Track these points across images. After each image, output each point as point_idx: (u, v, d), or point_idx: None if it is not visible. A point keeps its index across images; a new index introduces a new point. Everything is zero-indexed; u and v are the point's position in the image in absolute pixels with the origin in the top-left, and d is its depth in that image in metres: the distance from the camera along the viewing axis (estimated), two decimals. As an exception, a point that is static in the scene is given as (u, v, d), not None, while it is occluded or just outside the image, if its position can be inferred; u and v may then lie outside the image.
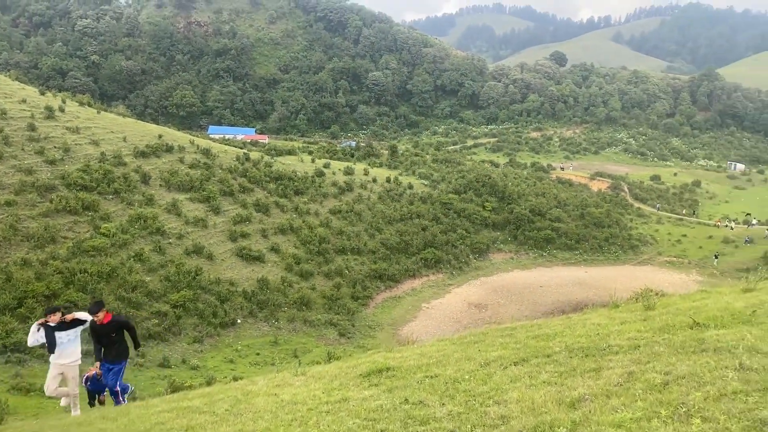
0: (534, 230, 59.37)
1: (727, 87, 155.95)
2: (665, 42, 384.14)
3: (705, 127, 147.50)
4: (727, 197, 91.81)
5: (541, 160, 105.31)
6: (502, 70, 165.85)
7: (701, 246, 61.12)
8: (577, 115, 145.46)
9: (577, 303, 46.36)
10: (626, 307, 8.87)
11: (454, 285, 50.01)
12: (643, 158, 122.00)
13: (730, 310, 6.53)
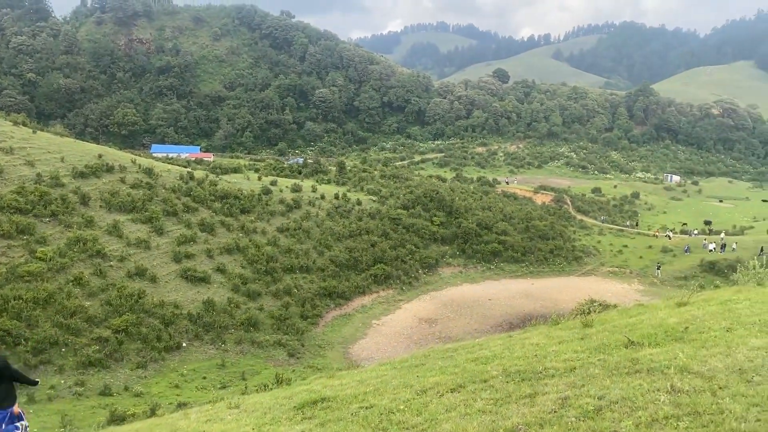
0: (481, 244, 60.06)
1: (662, 102, 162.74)
2: (602, 59, 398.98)
3: (642, 141, 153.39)
4: (665, 208, 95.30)
5: (486, 175, 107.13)
6: (447, 87, 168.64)
7: (641, 256, 63.06)
8: (521, 131, 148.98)
9: (524, 315, 47.02)
10: (566, 325, 8.96)
11: (405, 300, 49.98)
12: (584, 171, 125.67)
13: (664, 327, 6.65)
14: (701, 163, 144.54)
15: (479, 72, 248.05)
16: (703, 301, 8.71)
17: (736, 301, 8.22)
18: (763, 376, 4.53)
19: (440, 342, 42.10)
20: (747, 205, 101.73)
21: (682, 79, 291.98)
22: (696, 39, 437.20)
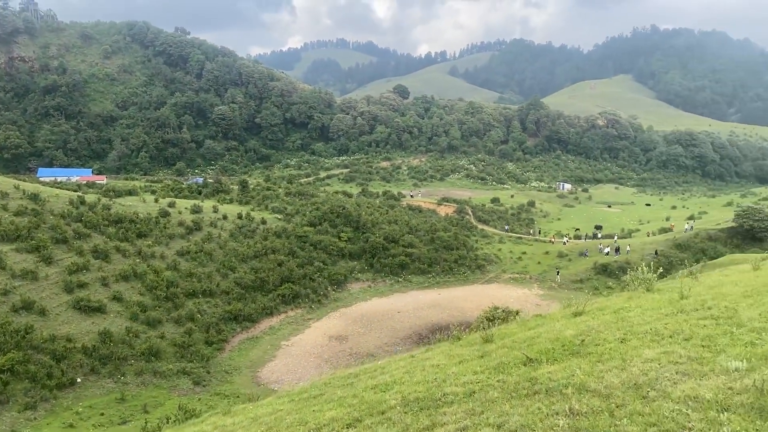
0: (389, 257, 60.51)
1: (552, 114, 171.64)
2: (496, 75, 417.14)
3: (535, 152, 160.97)
4: (559, 215, 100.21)
5: (392, 189, 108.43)
6: (349, 103, 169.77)
7: (540, 261, 65.81)
8: (422, 145, 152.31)
9: (433, 325, 47.72)
10: (467, 340, 9.00)
11: (314, 319, 49.34)
12: (483, 183, 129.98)
13: (561, 341, 6.79)
14: (590, 171, 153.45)
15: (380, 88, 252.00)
16: (597, 310, 8.98)
17: (628, 309, 8.53)
18: (657, 390, 4.66)
19: (351, 358, 41.86)
20: (633, 209, 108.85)
21: (569, 92, 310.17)
22: (580, 55, 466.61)
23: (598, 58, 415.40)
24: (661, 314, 7.36)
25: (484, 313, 34.52)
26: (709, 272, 13.77)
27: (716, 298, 7.81)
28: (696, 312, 6.92)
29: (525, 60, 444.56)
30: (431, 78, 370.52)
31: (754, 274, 9.66)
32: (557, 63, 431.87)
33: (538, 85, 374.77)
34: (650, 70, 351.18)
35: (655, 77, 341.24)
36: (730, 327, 6.05)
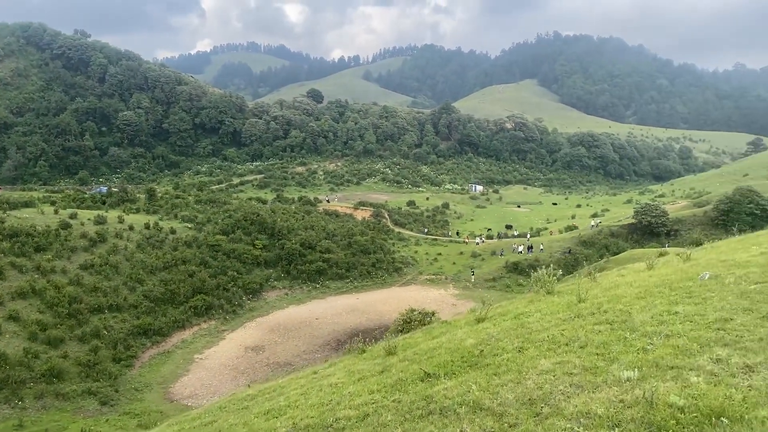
0: (306, 264, 59.86)
1: (463, 118, 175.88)
2: (408, 79, 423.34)
3: (448, 155, 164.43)
4: (472, 216, 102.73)
5: (308, 194, 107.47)
6: (262, 107, 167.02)
7: (455, 262, 67.16)
8: (338, 149, 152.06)
9: (351, 330, 47.62)
10: (371, 353, 8.84)
11: (229, 330, 48.01)
12: (399, 186, 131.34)
13: (461, 351, 6.76)
14: (500, 172, 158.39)
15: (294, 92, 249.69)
16: (499, 316, 9.04)
17: (528, 314, 8.59)
18: (551, 406, 4.66)
19: (269, 368, 40.96)
20: (541, 209, 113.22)
21: (479, 96, 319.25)
22: (488, 60, 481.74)
23: (505, 64, 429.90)
24: (559, 319, 7.43)
25: (402, 315, 34.83)
26: (607, 272, 14.20)
27: (612, 300, 7.91)
28: (592, 316, 7.01)
29: (436, 65, 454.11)
30: (345, 82, 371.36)
31: (647, 274, 9.93)
32: (467, 68, 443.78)
33: (449, 89, 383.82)
34: (554, 74, 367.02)
35: (559, 82, 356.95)
36: (624, 332, 6.14)
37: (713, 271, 8.07)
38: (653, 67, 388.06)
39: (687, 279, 7.98)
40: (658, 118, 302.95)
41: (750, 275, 7.09)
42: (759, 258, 8.24)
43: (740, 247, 10.54)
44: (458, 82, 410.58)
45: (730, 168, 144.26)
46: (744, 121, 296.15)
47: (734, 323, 5.39)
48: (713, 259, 9.42)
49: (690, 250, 12.89)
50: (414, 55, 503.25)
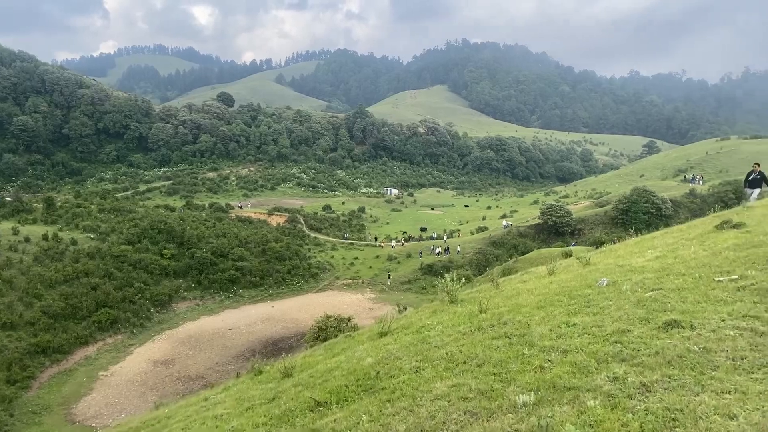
0: (218, 272, 58.26)
1: (377, 123, 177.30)
2: (322, 83, 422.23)
3: (363, 159, 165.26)
4: (388, 219, 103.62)
5: (220, 200, 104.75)
6: (170, 111, 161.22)
7: (371, 266, 67.45)
8: (251, 154, 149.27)
9: (266, 340, 46.86)
10: (267, 375, 8.60)
11: (136, 344, 45.89)
12: (314, 191, 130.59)
13: (357, 374, 6.60)
14: (414, 176, 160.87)
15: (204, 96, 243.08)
16: (402, 329, 8.90)
17: (430, 327, 8.48)
18: None
19: (179, 383, 39.46)
20: (453, 211, 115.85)
21: (392, 101, 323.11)
22: (400, 66, 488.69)
23: (416, 70, 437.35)
24: (459, 333, 7.34)
25: (317, 322, 34.48)
26: (512, 276, 14.35)
27: (512, 310, 7.84)
28: (492, 329, 6.95)
29: (350, 70, 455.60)
30: (257, 86, 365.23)
31: (548, 280, 9.93)
32: (380, 73, 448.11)
33: (363, 94, 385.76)
34: (463, 80, 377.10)
35: (468, 87, 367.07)
36: (522, 347, 6.07)
37: (611, 277, 8.20)
38: (556, 73, 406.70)
39: (586, 286, 8.02)
40: (561, 122, 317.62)
41: (645, 281, 7.22)
42: (653, 263, 8.41)
43: (636, 251, 10.79)
44: (372, 87, 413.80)
45: (628, 169, 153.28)
46: (639, 124, 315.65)
47: (631, 335, 5.43)
48: (611, 264, 9.55)
49: (589, 254, 13.12)
50: (327, 60, 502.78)
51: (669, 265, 7.85)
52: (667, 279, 7.05)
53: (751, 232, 8.68)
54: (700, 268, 7.12)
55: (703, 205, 66.20)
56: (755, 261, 6.73)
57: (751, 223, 9.73)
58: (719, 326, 4.95)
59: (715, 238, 9.22)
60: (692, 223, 13.56)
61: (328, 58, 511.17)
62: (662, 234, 12.93)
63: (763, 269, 6.28)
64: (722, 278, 6.32)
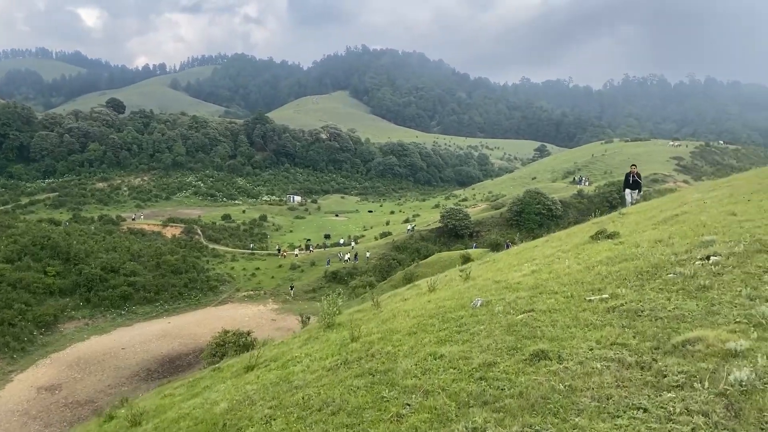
0: (109, 289, 55.01)
1: (278, 129, 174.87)
2: (220, 89, 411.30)
3: (264, 166, 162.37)
4: (291, 227, 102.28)
5: (110, 212, 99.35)
6: (54, 118, 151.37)
7: (273, 276, 66.19)
8: (144, 162, 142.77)
9: (163, 357, 44.83)
10: (115, 424, 7.92)
11: (17, 371, 42.37)
12: (213, 199, 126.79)
13: (205, 425, 6.11)
14: (317, 182, 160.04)
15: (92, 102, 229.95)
16: (270, 361, 8.42)
17: (297, 359, 7.92)
18: None
19: (67, 409, 36.81)
20: (358, 217, 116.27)
21: (293, 107, 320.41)
22: (301, 71, 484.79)
23: (317, 75, 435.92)
24: (324, 369, 6.81)
25: (215, 339, 33.29)
26: (397, 291, 14.00)
27: (385, 338, 7.37)
28: (358, 364, 6.48)
29: (248, 74, 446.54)
30: (151, 91, 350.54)
31: (427, 299, 9.45)
32: (280, 78, 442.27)
33: (263, 100, 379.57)
34: (364, 86, 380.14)
35: (369, 93, 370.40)
36: (384, 388, 5.59)
37: (486, 295, 7.86)
38: (453, 80, 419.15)
39: (461, 307, 7.62)
40: (459, 128, 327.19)
41: (518, 302, 6.96)
42: (529, 278, 8.14)
43: (516, 263, 10.56)
44: (272, 93, 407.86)
45: (521, 172, 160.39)
46: (531, 129, 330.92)
47: (497, 369, 5.07)
48: (489, 280, 9.19)
49: (471, 266, 13.01)
50: (225, 64, 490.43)
51: (543, 282, 7.63)
52: (539, 298, 6.81)
53: (623, 243, 8.64)
54: (573, 285, 6.97)
55: (590, 204, 70.09)
56: (626, 277, 6.62)
57: (625, 232, 9.73)
58: (587, 357, 4.71)
59: (590, 249, 9.09)
60: (571, 231, 13.74)
61: (226, 63, 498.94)
62: (544, 243, 12.89)
63: (632, 286, 6.19)
64: (593, 297, 6.18)
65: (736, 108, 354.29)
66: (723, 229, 7.34)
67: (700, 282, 5.62)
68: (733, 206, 8.68)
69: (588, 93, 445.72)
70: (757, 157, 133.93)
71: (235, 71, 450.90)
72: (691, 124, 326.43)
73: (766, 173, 11.43)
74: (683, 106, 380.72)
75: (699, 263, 6.26)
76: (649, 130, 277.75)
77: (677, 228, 8.35)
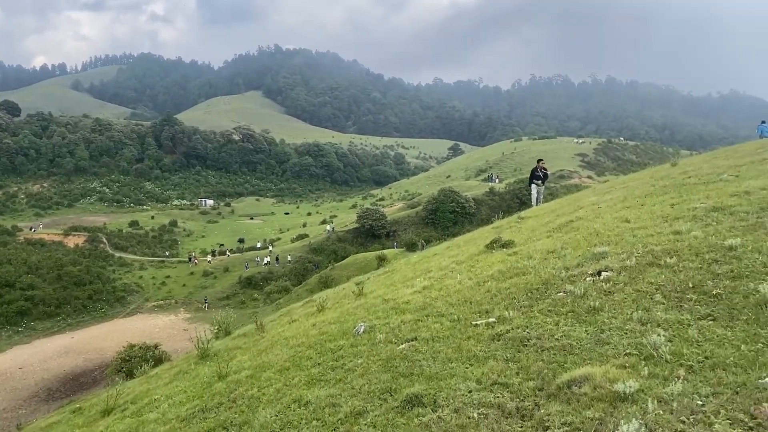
0: (3, 305, 51.27)
1: (187, 130, 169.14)
2: (125, 90, 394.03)
3: (174, 169, 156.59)
4: (203, 232, 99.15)
5: (5, 222, 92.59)
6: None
7: (185, 284, 63.83)
8: (43, 168, 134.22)
9: (66, 375, 42.39)
10: None
11: None
12: (120, 206, 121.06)
13: None
14: (231, 185, 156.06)
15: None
16: (129, 404, 7.41)
17: (156, 403, 6.88)
18: None
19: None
20: (273, 219, 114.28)
21: (204, 108, 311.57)
22: (211, 71, 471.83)
23: (229, 75, 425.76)
24: (179, 419, 5.90)
25: (120, 354, 31.50)
26: (289, 309, 12.84)
27: (254, 375, 6.48)
28: (215, 413, 5.62)
29: (156, 75, 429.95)
30: (50, 92, 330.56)
31: (312, 321, 8.48)
32: (190, 79, 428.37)
33: (172, 101, 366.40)
34: (278, 86, 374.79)
35: (283, 93, 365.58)
36: None
37: (372, 318, 7.08)
38: (367, 80, 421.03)
39: (342, 333, 6.86)
40: (375, 127, 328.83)
41: (403, 327, 6.19)
42: (419, 296, 7.44)
43: (411, 275, 9.72)
44: (181, 93, 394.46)
45: (436, 171, 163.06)
46: (444, 128, 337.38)
47: (365, 421, 4.30)
48: (380, 298, 8.31)
49: (367, 279, 12.18)
50: (130, 64, 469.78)
51: (432, 301, 6.84)
52: (425, 323, 6.10)
53: (517, 254, 8.02)
54: (461, 306, 6.30)
55: (501, 201, 72.07)
56: (515, 296, 6.06)
57: (520, 240, 9.15)
58: (464, 402, 4.03)
59: (483, 261, 8.50)
60: (471, 236, 13.25)
61: (132, 63, 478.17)
62: (444, 250, 12.28)
63: (521, 307, 5.66)
64: (480, 321, 5.56)
65: (635, 106, 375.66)
66: (616, 238, 6.88)
67: (590, 303, 5.11)
68: (627, 211, 8.24)
69: (498, 93, 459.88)
70: (655, 153, 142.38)
71: (141, 71, 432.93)
72: (594, 122, 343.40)
73: (660, 173, 11.53)
74: (587, 105, 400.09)
75: (590, 279, 5.76)
76: (556, 128, 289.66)
77: (571, 237, 7.85)
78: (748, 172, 8.47)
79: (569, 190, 74.28)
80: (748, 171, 8.62)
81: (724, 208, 6.79)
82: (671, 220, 6.93)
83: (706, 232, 6.00)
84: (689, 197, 7.80)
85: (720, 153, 12.67)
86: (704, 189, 8.08)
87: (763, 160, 8.87)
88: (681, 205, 7.46)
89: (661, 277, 5.16)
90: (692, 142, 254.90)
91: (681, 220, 6.80)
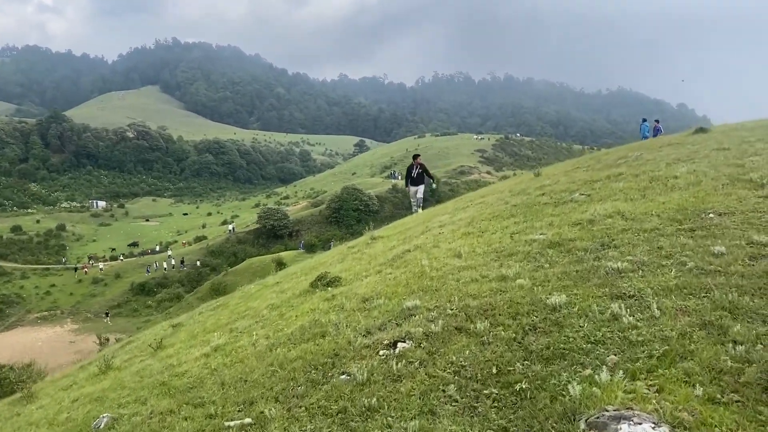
0: None
1: (77, 128, 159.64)
2: (10, 84, 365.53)
3: (63, 169, 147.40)
4: (94, 236, 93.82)
5: None
6: None
7: (72, 292, 60.09)
8: None
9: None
10: None
11: None
12: (1, 209, 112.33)
13: None
14: (125, 185, 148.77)
15: None
16: None
17: None
18: None
19: None
20: (171, 221, 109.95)
21: (96, 104, 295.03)
22: (105, 65, 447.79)
23: (123, 69, 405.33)
24: None
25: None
26: (80, 369, 10.67)
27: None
28: None
29: (44, 69, 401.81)
30: None
31: (79, 392, 7.25)
32: (81, 73, 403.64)
33: (62, 96, 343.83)
34: (176, 81, 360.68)
35: (182, 88, 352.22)
36: None
37: (128, 401, 5.69)
38: (271, 75, 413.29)
39: (80, 428, 5.60)
40: (279, 124, 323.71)
41: (144, 427, 4.72)
42: (199, 365, 6.01)
43: (225, 321, 8.30)
44: (72, 88, 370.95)
45: (342, 167, 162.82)
46: (351, 125, 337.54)
47: None
48: (172, 357, 7.13)
49: (171, 329, 10.09)
50: (15, 57, 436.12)
51: (208, 375, 5.51)
52: (174, 419, 4.64)
53: (335, 298, 6.51)
54: (231, 389, 4.83)
55: (404, 198, 72.76)
56: (294, 377, 4.53)
57: (349, 276, 7.58)
58: None
59: (299, 306, 6.95)
60: (318, 261, 11.55)
61: (16, 55, 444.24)
62: (285, 278, 10.61)
63: (291, 399, 4.16)
64: (232, 424, 4.07)
65: (531, 102, 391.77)
66: (437, 283, 5.50)
67: (367, 400, 3.68)
68: (464, 240, 6.97)
69: (402, 89, 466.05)
70: (549, 148, 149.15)
71: (27, 65, 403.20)
72: (493, 118, 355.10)
73: (521, 185, 11.22)
74: (486, 101, 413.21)
75: (383, 354, 4.34)
76: (458, 125, 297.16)
77: (397, 275, 6.37)
78: (601, 191, 8.08)
79: (470, 186, 76.17)
80: (600, 189, 8.22)
81: (562, 243, 5.61)
82: (504, 257, 5.73)
83: (534, 280, 4.83)
84: (532, 224, 7.00)
85: (583, 161, 12.90)
86: (551, 212, 7.46)
87: (618, 175, 8.82)
88: (521, 236, 6.43)
89: (465, 354, 3.90)
90: (584, 136, 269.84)
91: (513, 258, 5.62)
